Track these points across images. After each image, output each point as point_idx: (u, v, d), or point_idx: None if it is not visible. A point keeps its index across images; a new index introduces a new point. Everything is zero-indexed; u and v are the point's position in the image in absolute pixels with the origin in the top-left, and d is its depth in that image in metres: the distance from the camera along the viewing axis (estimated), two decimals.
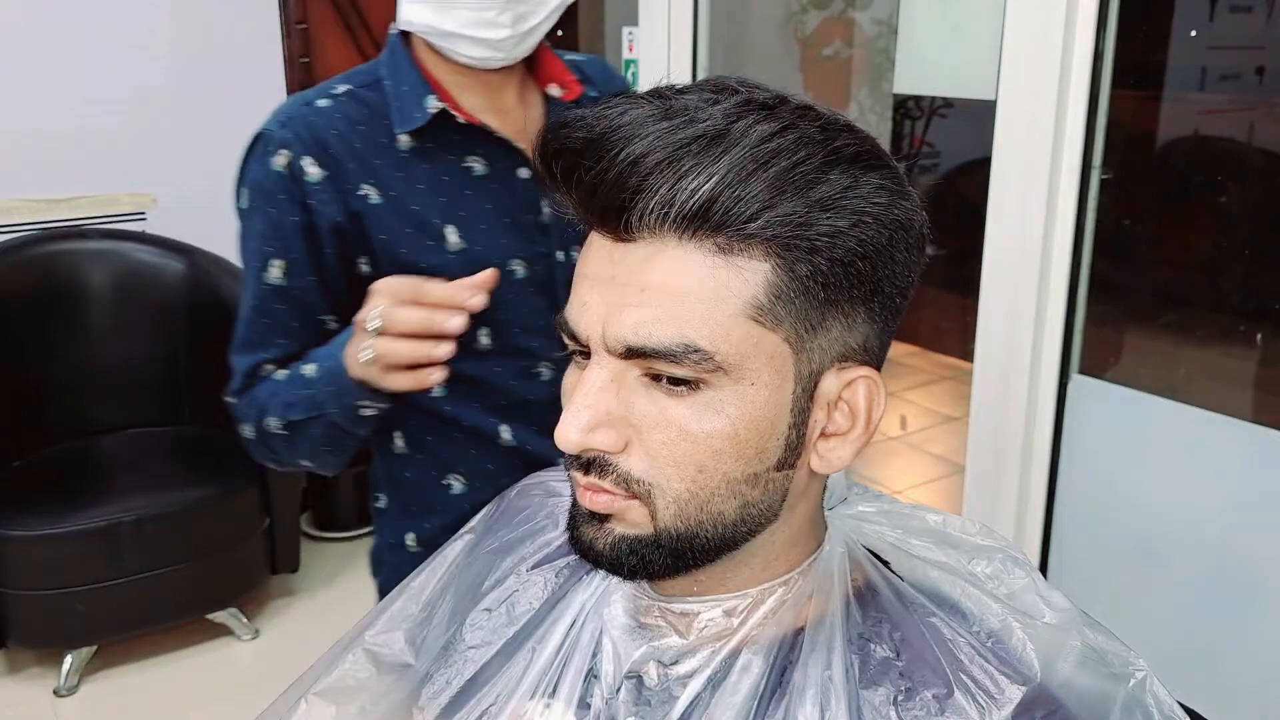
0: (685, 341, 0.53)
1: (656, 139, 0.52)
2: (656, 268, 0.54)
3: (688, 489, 0.57)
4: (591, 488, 0.58)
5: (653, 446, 0.56)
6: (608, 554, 0.59)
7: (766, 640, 0.61)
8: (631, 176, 0.52)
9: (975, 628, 0.61)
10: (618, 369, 0.56)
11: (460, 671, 0.71)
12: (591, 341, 0.56)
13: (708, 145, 0.52)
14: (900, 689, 0.58)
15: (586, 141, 0.53)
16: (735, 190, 0.52)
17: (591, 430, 0.56)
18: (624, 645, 0.64)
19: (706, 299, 0.54)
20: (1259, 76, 1.82)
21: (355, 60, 2.94)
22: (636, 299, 0.54)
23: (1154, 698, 0.60)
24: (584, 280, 0.58)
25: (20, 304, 2.44)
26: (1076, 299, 1.77)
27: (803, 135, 0.53)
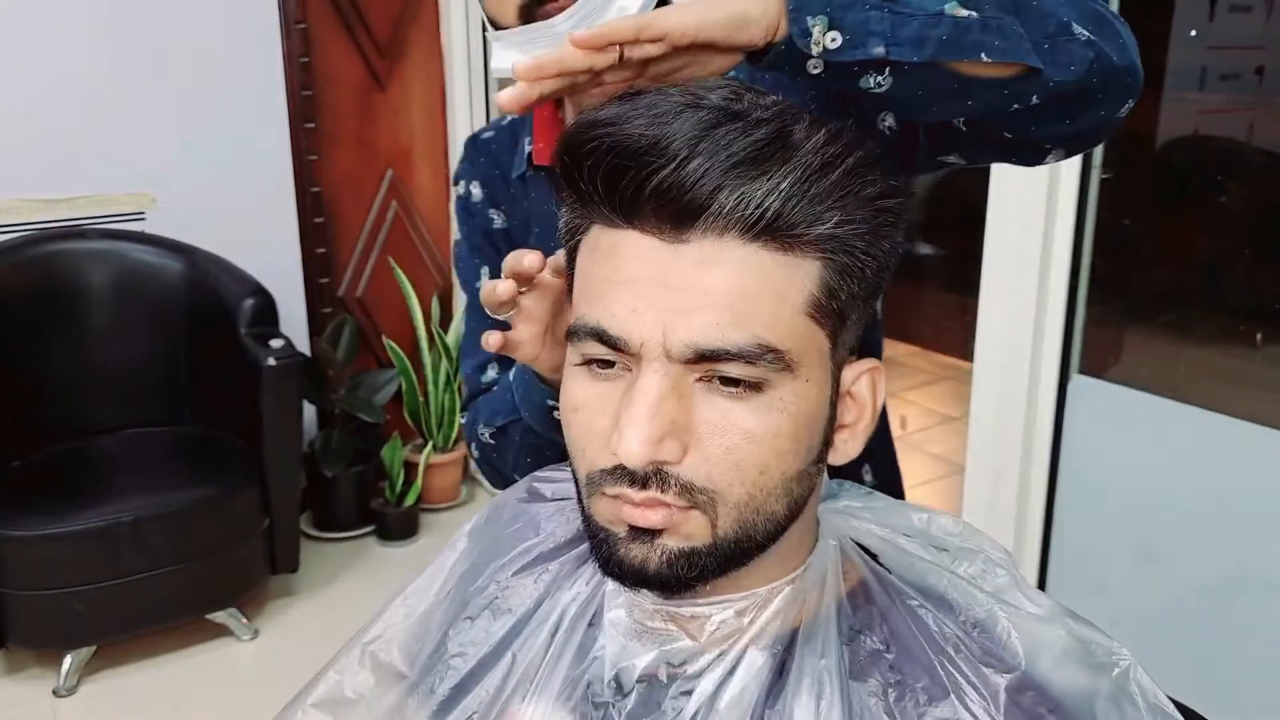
0: (760, 341, 0.53)
1: (723, 144, 0.51)
2: (719, 269, 0.53)
3: (748, 492, 0.56)
4: (649, 503, 0.55)
5: (714, 453, 0.55)
6: (662, 572, 0.57)
7: (770, 636, 0.61)
8: (701, 183, 0.51)
9: (961, 618, 0.62)
10: (676, 374, 0.54)
11: (444, 679, 0.70)
12: (645, 348, 0.54)
13: (775, 151, 0.52)
14: (890, 681, 0.59)
15: (636, 146, 0.52)
16: (803, 198, 0.52)
17: (657, 442, 0.54)
18: (632, 650, 0.63)
19: (772, 297, 0.54)
20: (1259, 76, 1.82)
21: (355, 60, 2.95)
22: (702, 301, 0.53)
23: (1139, 686, 0.60)
24: (623, 285, 0.55)
25: (20, 304, 2.44)
26: (1076, 299, 1.77)
27: (848, 140, 0.55)
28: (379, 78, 3.01)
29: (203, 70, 2.72)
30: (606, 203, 0.55)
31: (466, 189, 1.06)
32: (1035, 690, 0.58)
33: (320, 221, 2.99)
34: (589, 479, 0.58)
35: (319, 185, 2.96)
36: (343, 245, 3.06)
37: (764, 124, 0.53)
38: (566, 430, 0.60)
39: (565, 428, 0.60)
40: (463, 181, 1.06)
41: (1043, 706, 0.57)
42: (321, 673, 0.78)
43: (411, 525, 2.98)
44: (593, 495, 0.58)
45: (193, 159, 2.74)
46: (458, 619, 0.73)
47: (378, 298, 3.13)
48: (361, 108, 3.00)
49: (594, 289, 0.57)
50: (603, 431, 0.57)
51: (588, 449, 0.58)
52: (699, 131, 0.52)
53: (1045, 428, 1.82)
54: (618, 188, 0.53)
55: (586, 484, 0.59)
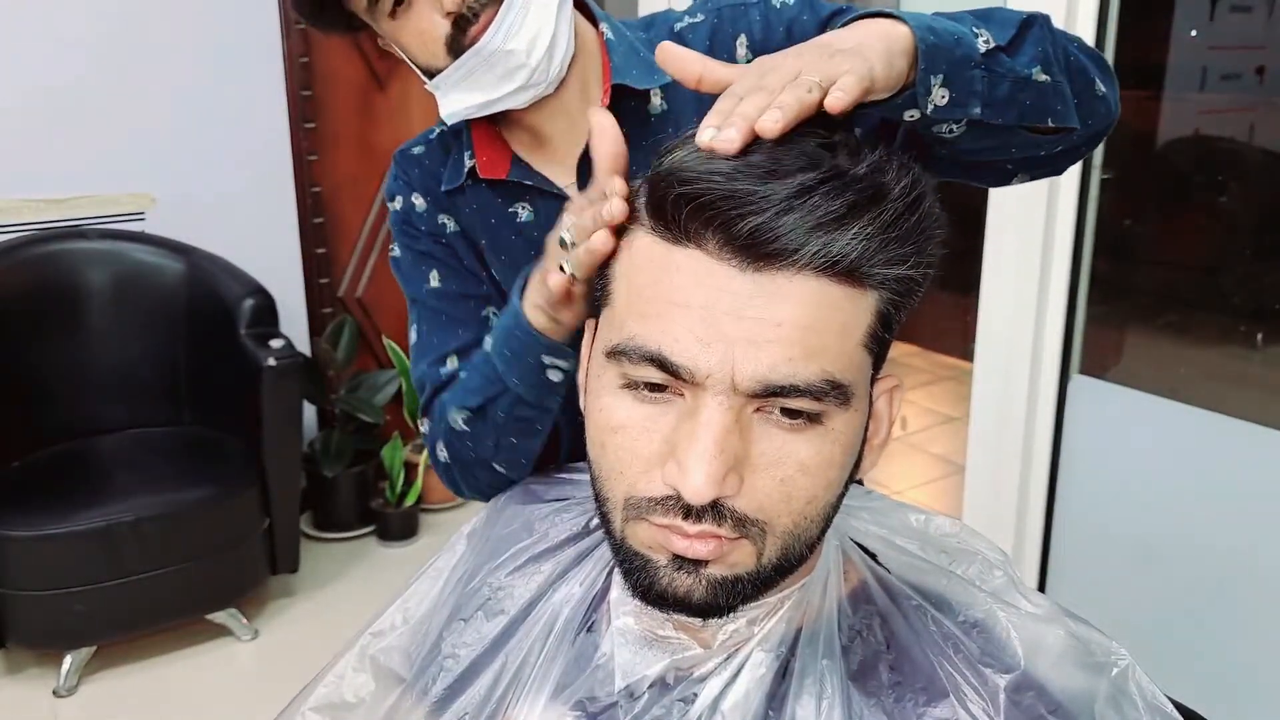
0: (828, 376, 0.53)
1: (820, 203, 0.51)
2: (791, 302, 0.52)
3: (794, 521, 0.56)
4: (702, 535, 0.54)
5: (767, 485, 0.54)
6: (705, 600, 0.56)
7: (775, 639, 0.61)
8: (791, 234, 0.51)
9: (961, 618, 0.62)
10: (739, 407, 0.53)
11: (437, 680, 0.71)
12: (711, 380, 0.52)
13: (865, 207, 0.52)
14: (890, 682, 0.59)
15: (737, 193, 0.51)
16: (883, 245, 0.53)
17: (724, 480, 0.52)
18: (645, 660, 0.63)
19: (838, 332, 0.53)
20: (1259, 76, 1.82)
21: (355, 60, 2.95)
22: (773, 334, 0.51)
23: (1137, 686, 0.60)
24: (686, 310, 0.52)
25: (20, 304, 2.43)
26: (1076, 299, 1.77)
27: (925, 184, 0.56)
28: (379, 78, 3.01)
29: (203, 70, 2.72)
30: (682, 228, 0.53)
31: (406, 202, 1.05)
32: (1034, 690, 0.58)
33: (320, 221, 2.99)
34: (630, 503, 0.56)
35: (319, 185, 2.96)
36: (343, 245, 3.06)
37: (859, 182, 0.52)
38: (599, 450, 0.58)
39: (598, 447, 0.58)
40: (399, 196, 1.05)
41: (1042, 706, 0.57)
42: (320, 676, 0.78)
43: (411, 525, 2.98)
44: (632, 520, 0.56)
45: (193, 159, 2.74)
46: (452, 620, 0.73)
47: (378, 298, 3.13)
48: (361, 108, 3.00)
49: (649, 307, 0.54)
50: (647, 457, 0.55)
51: (628, 472, 0.56)
52: (800, 189, 0.51)
53: (1045, 428, 1.82)
54: (706, 221, 0.52)
55: (625, 508, 0.57)
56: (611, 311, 0.58)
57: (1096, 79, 0.78)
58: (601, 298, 0.60)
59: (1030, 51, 0.71)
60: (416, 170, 1.05)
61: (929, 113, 0.65)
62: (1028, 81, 0.70)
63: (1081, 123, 0.76)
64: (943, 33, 0.66)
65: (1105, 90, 0.79)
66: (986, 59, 0.68)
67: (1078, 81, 0.76)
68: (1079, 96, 0.76)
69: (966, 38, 0.68)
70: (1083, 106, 0.76)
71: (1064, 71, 0.74)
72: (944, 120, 0.67)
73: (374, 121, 3.03)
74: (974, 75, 0.67)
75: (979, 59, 0.67)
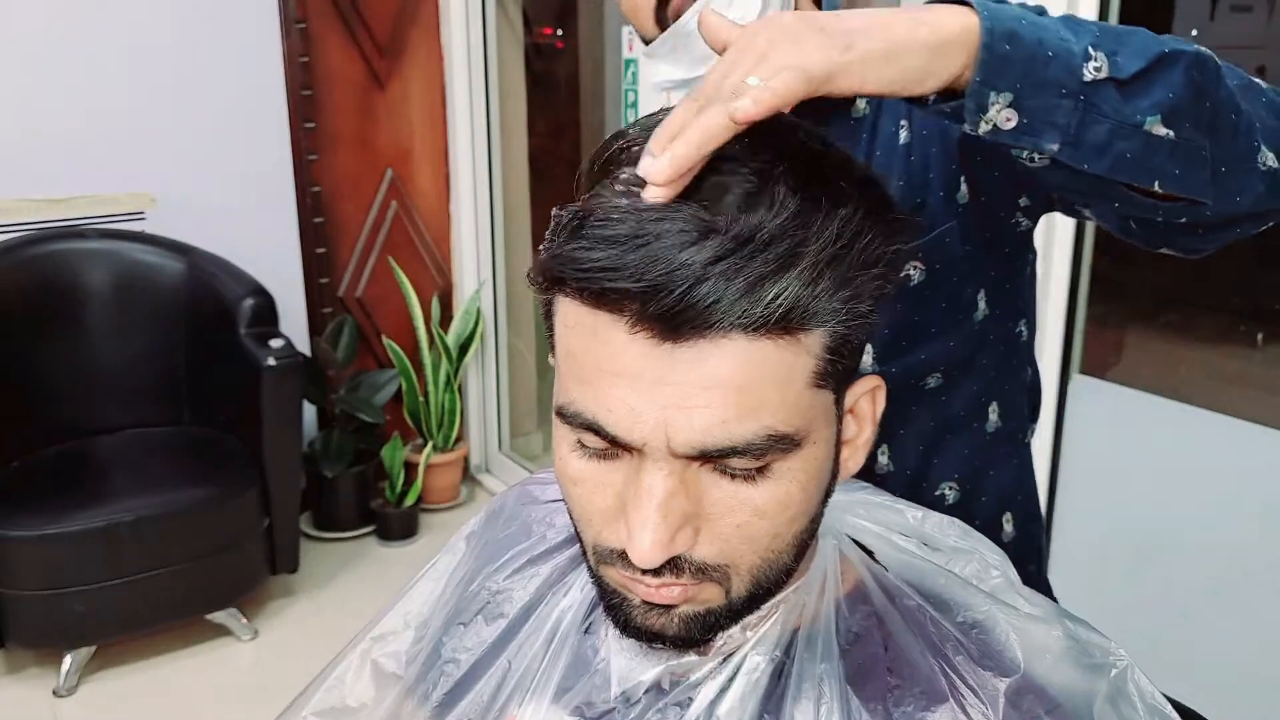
0: (768, 432, 0.51)
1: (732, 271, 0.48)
2: (719, 364, 0.50)
3: (761, 558, 0.56)
4: (666, 585, 0.54)
5: (725, 531, 0.54)
6: (680, 634, 0.57)
7: (769, 642, 0.61)
8: (710, 306, 0.48)
9: (960, 618, 0.62)
10: (680, 467, 0.52)
11: (438, 685, 0.70)
12: (648, 448, 0.51)
13: (786, 263, 0.49)
14: (888, 685, 0.59)
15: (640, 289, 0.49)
16: (812, 292, 0.50)
17: (671, 543, 0.52)
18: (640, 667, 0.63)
19: (776, 384, 0.51)
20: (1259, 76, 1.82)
21: (354, 60, 2.95)
22: (704, 399, 0.50)
23: (1137, 687, 0.60)
24: (616, 379, 0.51)
25: (20, 304, 2.43)
26: (1077, 299, 1.77)
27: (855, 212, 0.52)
28: (379, 78, 3.01)
29: (203, 70, 2.72)
30: (599, 306, 0.51)
31: None
32: (1034, 694, 0.58)
33: (320, 221, 2.99)
34: (596, 549, 0.57)
35: (319, 185, 2.96)
36: (343, 245, 3.06)
37: (777, 242, 0.49)
38: (566, 497, 0.58)
39: (565, 494, 0.58)
40: None
41: (1041, 709, 0.57)
42: (320, 679, 0.78)
43: (411, 525, 2.98)
44: (603, 564, 0.57)
45: (193, 159, 2.73)
46: (452, 624, 0.73)
47: (378, 298, 3.13)
48: (361, 107, 3.00)
49: (583, 372, 0.53)
50: (605, 510, 0.55)
51: (593, 522, 0.56)
52: (709, 261, 0.48)
53: (1045, 427, 1.81)
54: (618, 300, 0.50)
55: (594, 551, 0.57)
56: (558, 368, 0.57)
57: (1265, 149, 0.63)
58: (550, 346, 0.58)
59: (1157, 95, 0.57)
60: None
61: (983, 134, 0.56)
62: (1135, 130, 0.57)
63: (1219, 196, 0.61)
64: (1030, 42, 0.55)
65: (1276, 166, 0.63)
66: (1088, 89, 0.56)
67: (1227, 148, 0.61)
68: (1225, 166, 0.61)
69: (1067, 56, 0.56)
70: (1228, 179, 0.62)
71: (1205, 131, 0.59)
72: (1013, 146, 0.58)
73: (374, 121, 3.03)
74: (1060, 104, 0.56)
75: (1076, 87, 0.56)
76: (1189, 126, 0.59)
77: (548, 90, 4.06)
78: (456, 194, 3.17)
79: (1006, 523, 1.02)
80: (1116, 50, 0.57)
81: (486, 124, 3.12)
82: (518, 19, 3.17)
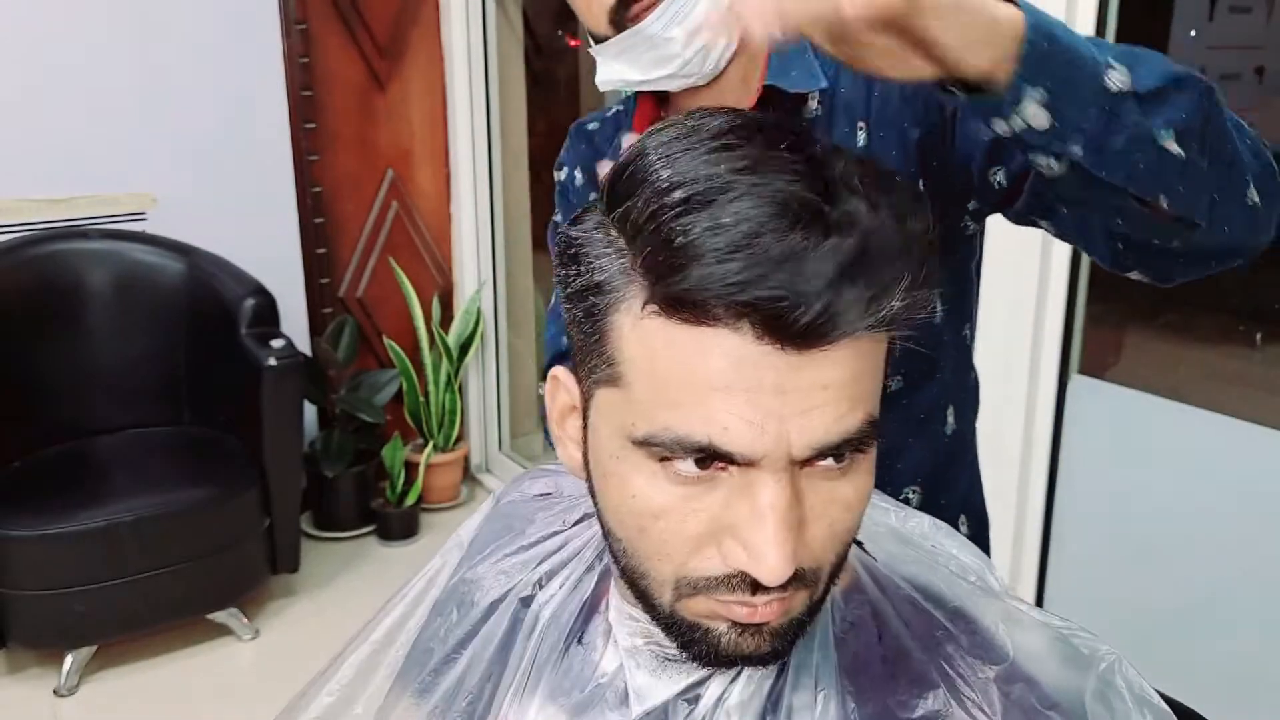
0: (870, 419, 0.52)
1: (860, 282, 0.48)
2: (837, 364, 0.50)
3: (839, 556, 0.56)
4: (770, 602, 0.53)
5: (820, 535, 0.53)
6: (770, 651, 0.55)
7: None
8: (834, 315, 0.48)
9: (950, 609, 0.63)
10: (790, 475, 0.51)
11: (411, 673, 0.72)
12: (767, 460, 0.50)
13: (903, 264, 0.49)
14: (884, 675, 0.59)
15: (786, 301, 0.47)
16: (914, 294, 0.50)
17: (796, 556, 0.51)
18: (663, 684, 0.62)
19: (874, 372, 0.53)
20: (1259, 76, 1.82)
21: (354, 60, 2.95)
22: (821, 399, 0.49)
23: (1125, 679, 0.61)
24: (731, 395, 0.49)
25: (20, 304, 2.44)
26: (1076, 299, 1.77)
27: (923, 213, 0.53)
28: (379, 78, 3.01)
29: (203, 70, 2.72)
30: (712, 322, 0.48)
31: (568, 174, 1.08)
32: (1024, 682, 0.59)
33: (320, 221, 2.99)
34: (683, 581, 0.54)
35: (319, 185, 2.96)
36: (343, 245, 3.06)
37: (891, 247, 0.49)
38: (636, 533, 0.55)
39: (634, 530, 0.55)
40: (565, 167, 1.09)
41: (1032, 698, 0.58)
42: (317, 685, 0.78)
43: (412, 525, 2.99)
44: (685, 596, 0.55)
45: (193, 159, 2.74)
46: (432, 618, 0.75)
47: (378, 298, 3.13)
48: (361, 108, 3.00)
49: (681, 395, 0.50)
50: (697, 536, 0.53)
51: (675, 555, 0.54)
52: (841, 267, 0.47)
53: (1045, 428, 1.81)
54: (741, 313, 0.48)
55: (677, 585, 0.55)
56: (627, 395, 0.53)
57: (1251, 185, 0.65)
58: (601, 373, 0.55)
59: (1170, 114, 0.59)
60: (584, 145, 1.07)
61: (1019, 132, 0.57)
62: (1151, 143, 0.58)
63: (1211, 221, 0.63)
64: (1065, 44, 0.56)
65: (1258, 202, 0.66)
66: (1111, 99, 0.57)
67: (1224, 176, 0.63)
68: (1220, 193, 0.63)
69: (1094, 64, 0.58)
70: (1220, 206, 0.64)
71: (1208, 157, 0.61)
72: (1040, 149, 0.59)
73: (374, 121, 3.03)
74: (1088, 110, 0.57)
75: (1102, 95, 0.57)
76: (1196, 148, 0.60)
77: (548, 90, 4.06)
78: (456, 194, 3.17)
79: (962, 525, 1.03)
80: (1136, 66, 0.59)
81: (486, 124, 3.12)
82: (518, 19, 3.17)
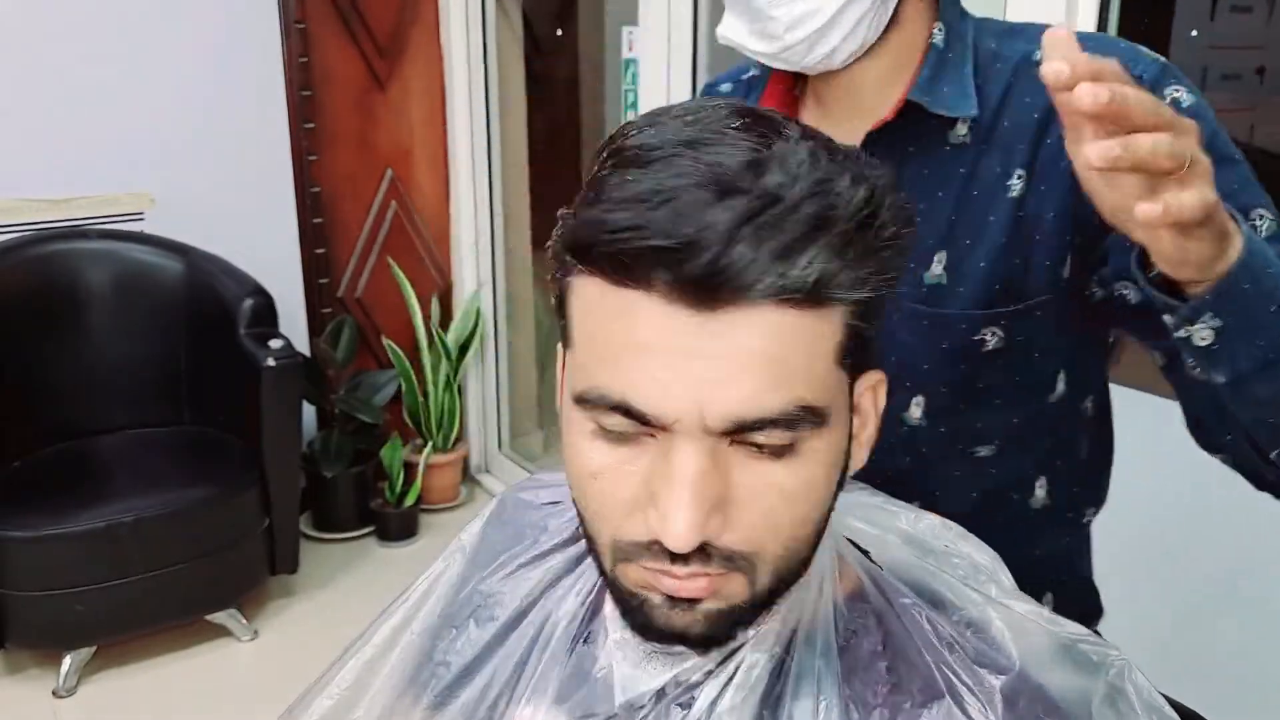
0: (800, 403, 0.51)
1: (765, 234, 0.48)
2: (754, 334, 0.49)
3: (785, 547, 0.55)
4: (693, 576, 0.53)
5: (752, 517, 0.53)
6: (705, 633, 0.56)
7: (769, 639, 0.61)
8: (743, 272, 0.48)
9: (956, 618, 0.62)
10: (712, 446, 0.51)
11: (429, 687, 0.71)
12: (679, 425, 0.51)
13: (817, 230, 0.49)
14: (887, 683, 0.59)
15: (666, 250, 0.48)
16: (841, 267, 0.50)
17: (705, 524, 0.51)
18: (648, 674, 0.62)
19: (806, 354, 0.51)
20: (1259, 76, 1.82)
21: (354, 60, 2.95)
22: (737, 370, 0.50)
23: (1134, 686, 0.60)
24: (645, 354, 0.50)
25: (20, 304, 2.43)
26: None
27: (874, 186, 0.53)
28: (379, 78, 3.01)
29: (203, 70, 2.72)
30: (624, 276, 0.50)
31: None
32: (1030, 692, 0.58)
33: (320, 221, 2.99)
34: (617, 546, 0.55)
35: (319, 185, 2.96)
36: (342, 245, 3.06)
37: (806, 204, 0.49)
38: (580, 494, 0.57)
39: (579, 491, 0.57)
40: None
41: (1039, 708, 0.57)
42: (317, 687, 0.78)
43: (411, 526, 2.98)
44: (621, 562, 0.56)
45: (192, 159, 2.73)
46: (444, 628, 0.74)
47: (377, 298, 3.13)
48: (361, 108, 3.00)
49: (607, 352, 0.52)
50: (628, 500, 0.54)
51: (611, 516, 0.55)
52: (739, 220, 0.48)
53: None
54: (647, 268, 0.49)
55: (613, 550, 0.56)
56: (573, 355, 0.56)
57: None
58: (564, 335, 0.57)
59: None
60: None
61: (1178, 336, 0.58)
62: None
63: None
64: (1266, 288, 0.58)
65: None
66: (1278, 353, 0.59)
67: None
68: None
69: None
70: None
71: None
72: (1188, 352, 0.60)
73: (374, 121, 3.03)
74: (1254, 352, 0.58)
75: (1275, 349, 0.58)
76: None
77: (548, 90, 4.05)
78: (456, 194, 3.17)
79: (1046, 602, 0.97)
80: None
81: (486, 124, 3.12)
82: (518, 19, 3.17)
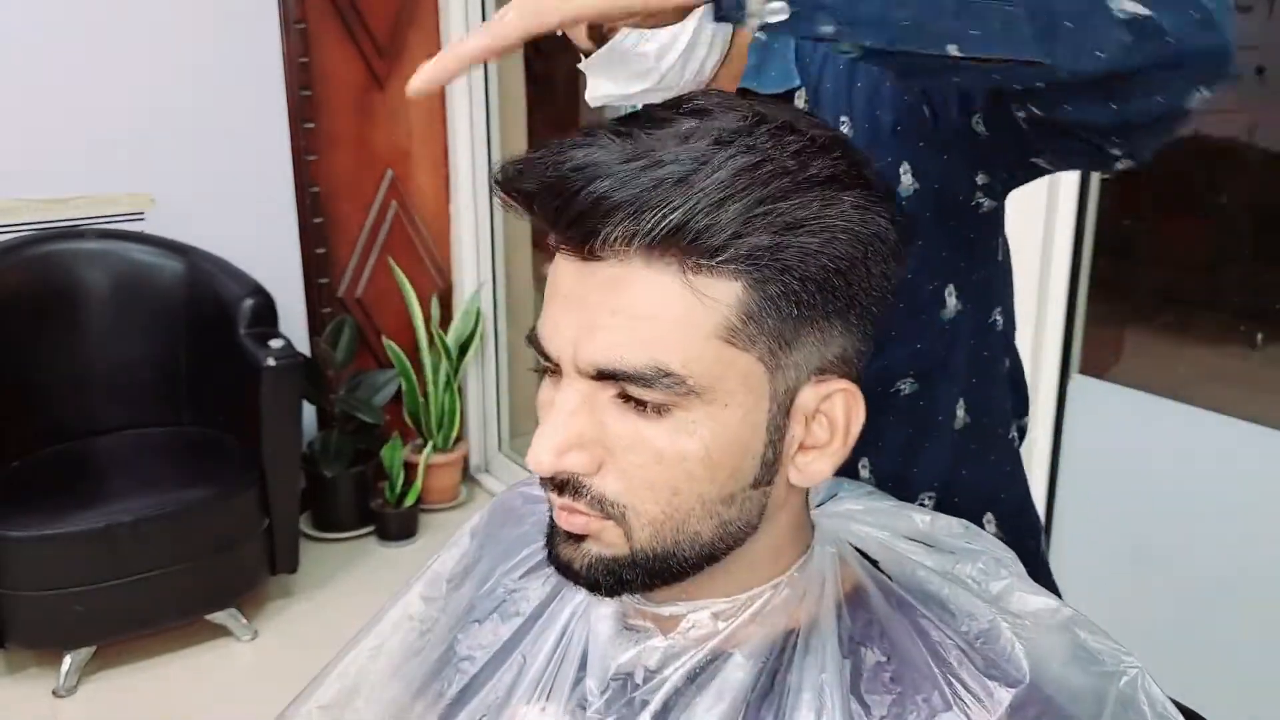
0: (657, 365, 0.54)
1: (622, 178, 0.52)
2: (626, 291, 0.54)
3: (662, 511, 0.57)
4: (566, 509, 0.58)
5: (627, 469, 0.56)
6: (585, 574, 0.59)
7: (757, 643, 0.61)
8: (597, 209, 0.52)
9: (964, 627, 0.61)
10: (589, 390, 0.56)
11: (453, 682, 0.71)
12: (563, 362, 0.56)
13: (688, 176, 0.52)
14: (892, 694, 0.58)
15: (545, 184, 0.54)
16: (705, 216, 0.52)
17: (564, 453, 0.56)
18: (611, 648, 0.64)
19: (678, 321, 0.54)
20: (1259, 76, 1.82)
21: (353, 60, 2.95)
22: (607, 321, 0.54)
23: (1147, 695, 0.60)
24: (555, 299, 0.57)
25: (19, 304, 2.43)
26: (1076, 299, 1.77)
27: (775, 166, 0.53)
28: (379, 78, 3.01)
29: (202, 71, 2.72)
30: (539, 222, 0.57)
31: None
32: (1040, 704, 0.57)
33: (320, 221, 2.99)
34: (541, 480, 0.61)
35: (319, 185, 2.96)
36: (342, 245, 3.06)
37: (678, 162, 0.52)
38: None
39: None
40: None
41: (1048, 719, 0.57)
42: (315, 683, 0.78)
43: (411, 525, 2.98)
44: (549, 491, 0.61)
45: (192, 159, 2.73)
46: (465, 622, 0.73)
47: (377, 298, 3.13)
48: (361, 108, 3.00)
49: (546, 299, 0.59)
50: None
51: None
52: (609, 164, 0.52)
53: (1045, 428, 1.81)
54: (542, 213, 0.56)
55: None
56: None
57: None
58: None
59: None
60: None
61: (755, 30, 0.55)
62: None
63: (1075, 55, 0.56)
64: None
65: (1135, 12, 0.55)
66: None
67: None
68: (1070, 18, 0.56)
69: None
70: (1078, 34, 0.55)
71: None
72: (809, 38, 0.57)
73: (373, 121, 3.03)
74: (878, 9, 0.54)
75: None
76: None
77: (548, 90, 4.05)
78: (456, 194, 3.17)
79: (988, 524, 0.99)
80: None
81: (486, 124, 3.12)
82: None
